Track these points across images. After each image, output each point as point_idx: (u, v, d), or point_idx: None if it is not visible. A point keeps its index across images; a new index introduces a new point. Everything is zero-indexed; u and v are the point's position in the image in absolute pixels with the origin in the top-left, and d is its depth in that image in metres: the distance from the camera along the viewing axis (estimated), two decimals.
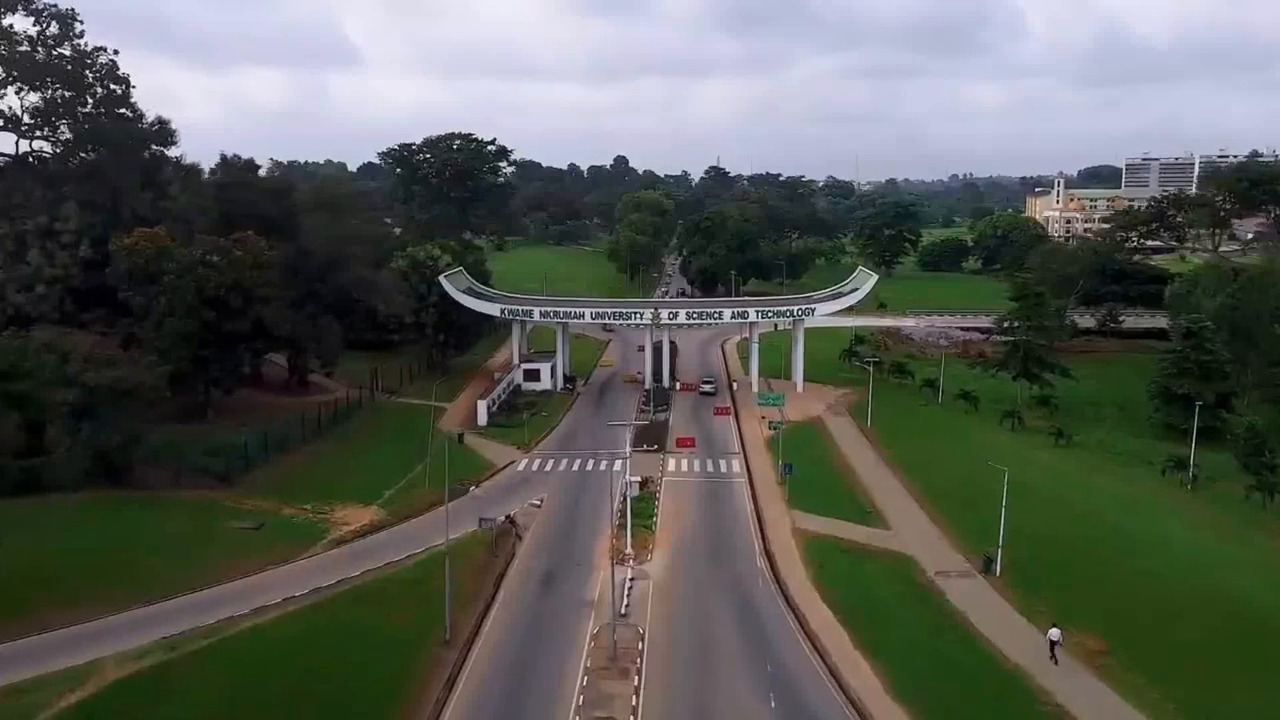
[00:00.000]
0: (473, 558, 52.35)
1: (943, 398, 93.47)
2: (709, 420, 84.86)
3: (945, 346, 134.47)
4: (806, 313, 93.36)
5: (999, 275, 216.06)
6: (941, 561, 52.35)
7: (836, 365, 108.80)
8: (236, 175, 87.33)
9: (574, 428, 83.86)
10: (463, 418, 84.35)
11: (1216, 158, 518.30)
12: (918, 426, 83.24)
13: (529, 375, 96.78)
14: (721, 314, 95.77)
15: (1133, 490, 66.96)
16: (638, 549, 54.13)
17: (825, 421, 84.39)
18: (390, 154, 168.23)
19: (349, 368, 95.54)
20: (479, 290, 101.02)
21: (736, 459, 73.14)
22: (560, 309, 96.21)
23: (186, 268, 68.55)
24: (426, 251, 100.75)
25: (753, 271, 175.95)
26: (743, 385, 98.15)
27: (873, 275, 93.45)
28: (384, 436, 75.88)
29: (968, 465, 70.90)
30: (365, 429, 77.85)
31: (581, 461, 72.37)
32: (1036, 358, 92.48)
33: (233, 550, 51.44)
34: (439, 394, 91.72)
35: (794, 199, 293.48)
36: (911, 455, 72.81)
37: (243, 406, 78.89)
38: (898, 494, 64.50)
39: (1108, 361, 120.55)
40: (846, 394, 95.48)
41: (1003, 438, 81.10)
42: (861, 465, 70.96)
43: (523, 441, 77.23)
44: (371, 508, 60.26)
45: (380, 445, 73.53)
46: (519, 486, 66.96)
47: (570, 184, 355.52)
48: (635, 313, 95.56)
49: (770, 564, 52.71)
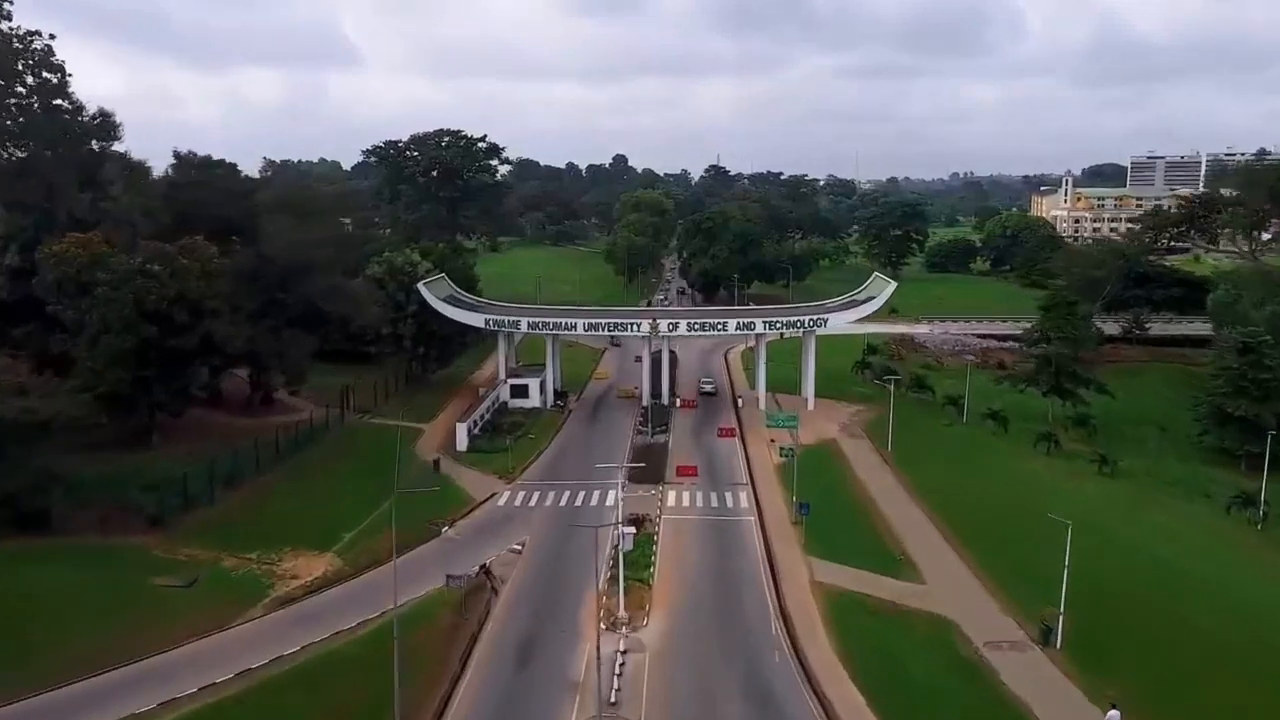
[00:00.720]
0: (437, 623, 44.70)
1: (968, 416, 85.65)
2: (712, 442, 77.08)
3: (960, 353, 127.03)
4: (819, 324, 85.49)
5: (1009, 277, 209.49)
6: (989, 627, 44.52)
7: (849, 378, 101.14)
8: (193, 174, 79.29)
9: (564, 452, 76.00)
10: (441, 441, 76.49)
11: (1224, 156, 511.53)
12: (942, 450, 75.47)
13: (516, 391, 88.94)
14: (725, 324, 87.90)
15: (1197, 531, 59.26)
16: (632, 609, 46.29)
17: (840, 444, 76.55)
18: (375, 151, 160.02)
19: (321, 383, 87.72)
20: (462, 299, 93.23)
21: (744, 491, 65.28)
22: (550, 319, 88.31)
23: (123, 278, 60.66)
24: (405, 257, 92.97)
25: (755, 274, 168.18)
26: (748, 401, 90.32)
27: (890, 283, 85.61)
28: (350, 465, 67.98)
29: (1003, 497, 63.47)
30: (330, 456, 69.90)
31: (570, 494, 64.55)
32: (1069, 372, 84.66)
33: (153, 616, 43.70)
34: (418, 412, 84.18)
35: (796, 198, 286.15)
36: (939, 485, 65.00)
37: (195, 430, 71.11)
38: (928, 534, 56.66)
39: (1136, 372, 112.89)
40: (861, 411, 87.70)
41: (1038, 464, 73.29)
42: (884, 498, 63.13)
43: (506, 470, 69.35)
44: (326, 555, 52.50)
45: (345, 476, 65.63)
46: (499, 526, 59.11)
47: (569, 183, 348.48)
48: (632, 323, 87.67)
49: (787, 628, 44.90)
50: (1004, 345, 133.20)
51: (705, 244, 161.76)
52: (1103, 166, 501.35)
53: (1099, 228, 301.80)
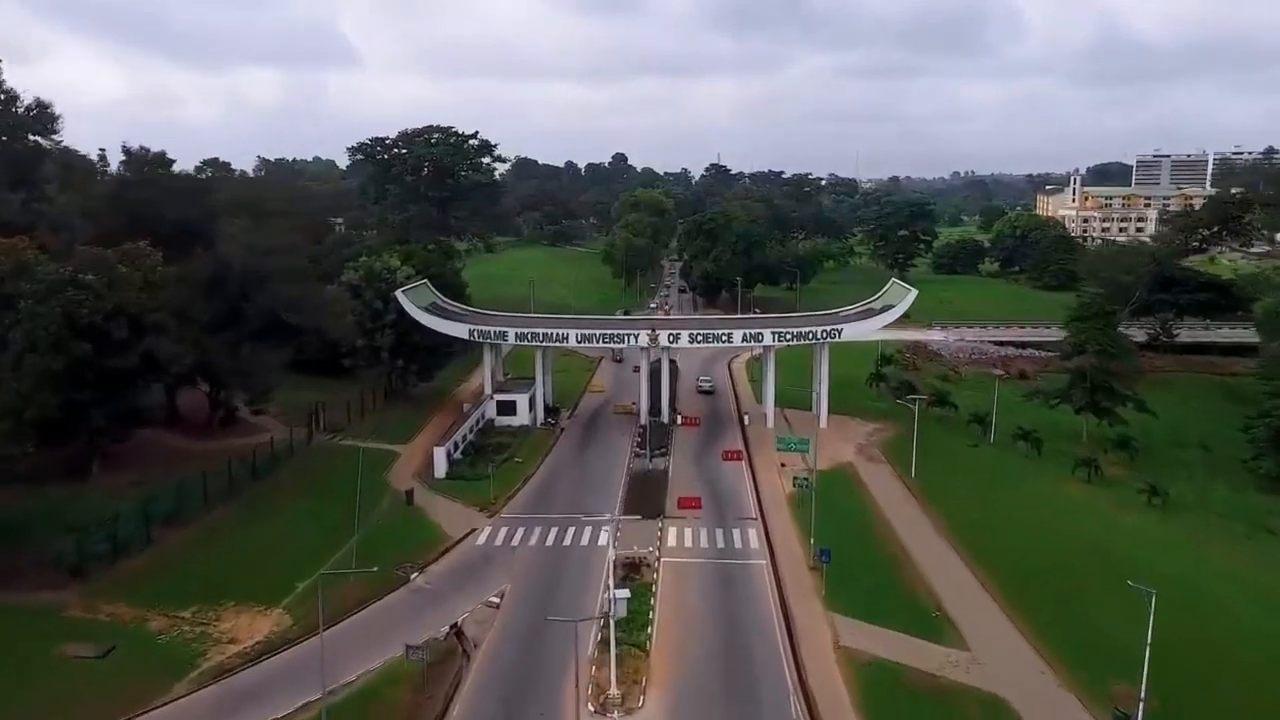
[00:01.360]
0: (393, 705, 37.60)
1: (995, 435, 78.53)
2: (716, 467, 70.01)
3: (977, 361, 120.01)
4: (832, 335, 78.31)
5: (1019, 279, 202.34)
6: (1051, 711, 37.43)
7: (862, 390, 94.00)
8: (145, 172, 72.05)
9: (553, 478, 68.83)
10: (418, 465, 69.38)
11: (1231, 154, 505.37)
12: (971, 477, 68.40)
13: (503, 408, 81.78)
14: (731, 335, 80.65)
15: (1273, 577, 51.87)
16: (626, 683, 39.19)
17: (858, 470, 69.40)
18: (361, 149, 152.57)
19: (293, 398, 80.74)
20: (446, 307, 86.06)
21: (754, 528, 58.08)
22: (540, 330, 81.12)
23: (51, 289, 53.40)
24: (383, 261, 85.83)
25: (759, 276, 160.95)
26: (755, 418, 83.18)
27: (910, 290, 78.38)
28: (313, 497, 60.89)
29: (1048, 536, 56.32)
30: (291, 486, 62.65)
31: (559, 531, 57.43)
32: (1106, 388, 77.46)
33: (53, 696, 36.61)
34: (395, 432, 77.05)
35: (800, 197, 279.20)
36: (973, 520, 57.94)
37: (144, 456, 63.93)
38: (966, 584, 49.48)
39: (1166, 383, 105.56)
40: (878, 429, 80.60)
41: (1080, 494, 66.13)
42: (912, 537, 55.91)
43: (487, 501, 62.22)
44: (273, 613, 45.43)
45: (306, 510, 58.55)
46: (476, 570, 51.98)
47: (568, 182, 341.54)
48: (630, 334, 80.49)
49: (809, 710, 37.80)
50: (1023, 353, 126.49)
51: (707, 245, 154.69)
52: (1107, 165, 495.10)
53: (1108, 228, 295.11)
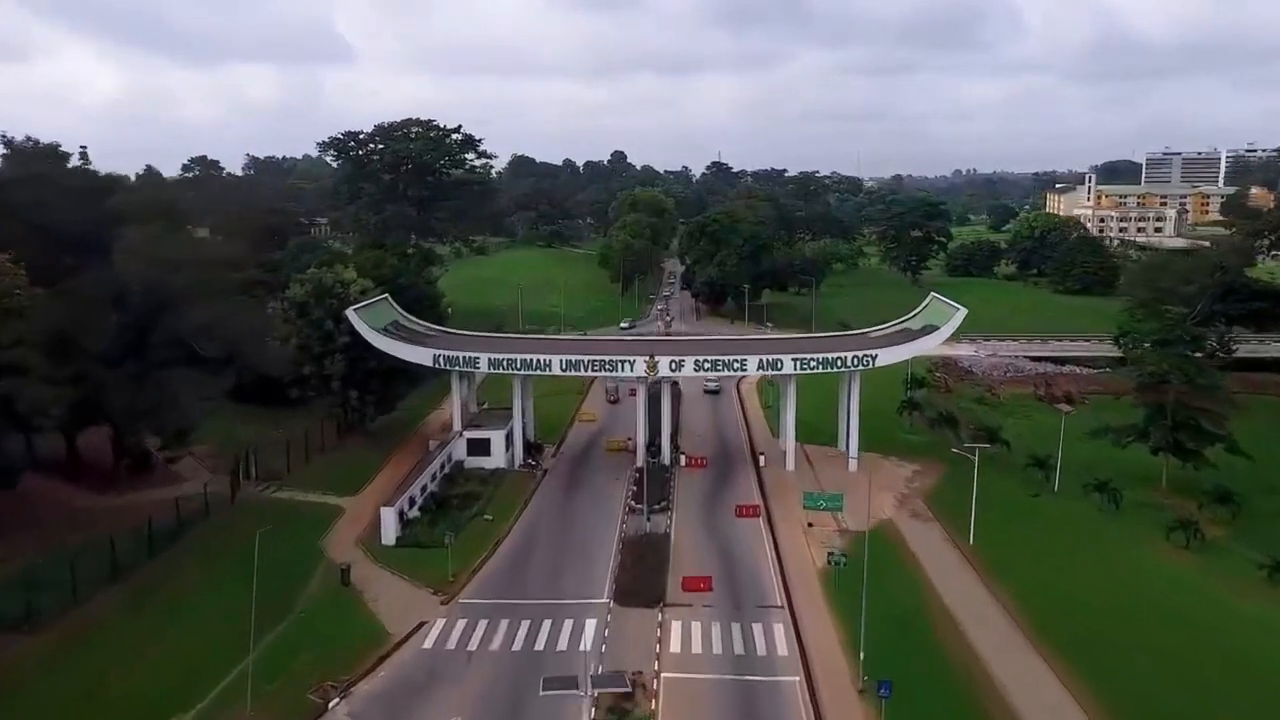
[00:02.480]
0: None
1: (1060, 480, 66.03)
2: (729, 526, 57.62)
3: (1014, 381, 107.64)
4: (865, 362, 65.90)
5: (1039, 282, 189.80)
6: None
7: (892, 420, 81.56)
8: (32, 168, 59.37)
9: (530, 542, 56.31)
10: (365, 527, 56.94)
11: (1244, 151, 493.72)
12: (1042, 543, 55.87)
13: (475, 447, 69.29)
14: (745, 362, 68.00)
15: None
16: None
17: (902, 532, 56.93)
18: (333, 144, 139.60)
19: (231, 434, 68.89)
20: (411, 326, 73.60)
21: (780, 620, 45.56)
22: (518, 356, 68.42)
23: None
24: (335, 274, 73.27)
25: (767, 281, 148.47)
26: (773, 458, 70.75)
27: (958, 309, 65.78)
28: (222, 578, 47.94)
29: (1156, 631, 43.88)
30: (196, 563, 49.92)
31: (531, 626, 44.96)
32: (1192, 425, 64.94)
33: None
34: (343, 479, 64.78)
35: (806, 196, 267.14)
36: (1058, 610, 45.57)
37: (25, 517, 51.61)
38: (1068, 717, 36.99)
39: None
40: (919, 473, 68.39)
41: (1181, 566, 53.53)
42: (988, 641, 42.96)
43: (445, 579, 49.74)
44: None
45: (208, 599, 45.93)
46: (419, 692, 39.41)
47: (566, 180, 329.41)
48: (624, 360, 67.83)
49: None
50: (1063, 370, 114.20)
51: (711, 249, 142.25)
52: (1116, 164, 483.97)
53: (1125, 227, 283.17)
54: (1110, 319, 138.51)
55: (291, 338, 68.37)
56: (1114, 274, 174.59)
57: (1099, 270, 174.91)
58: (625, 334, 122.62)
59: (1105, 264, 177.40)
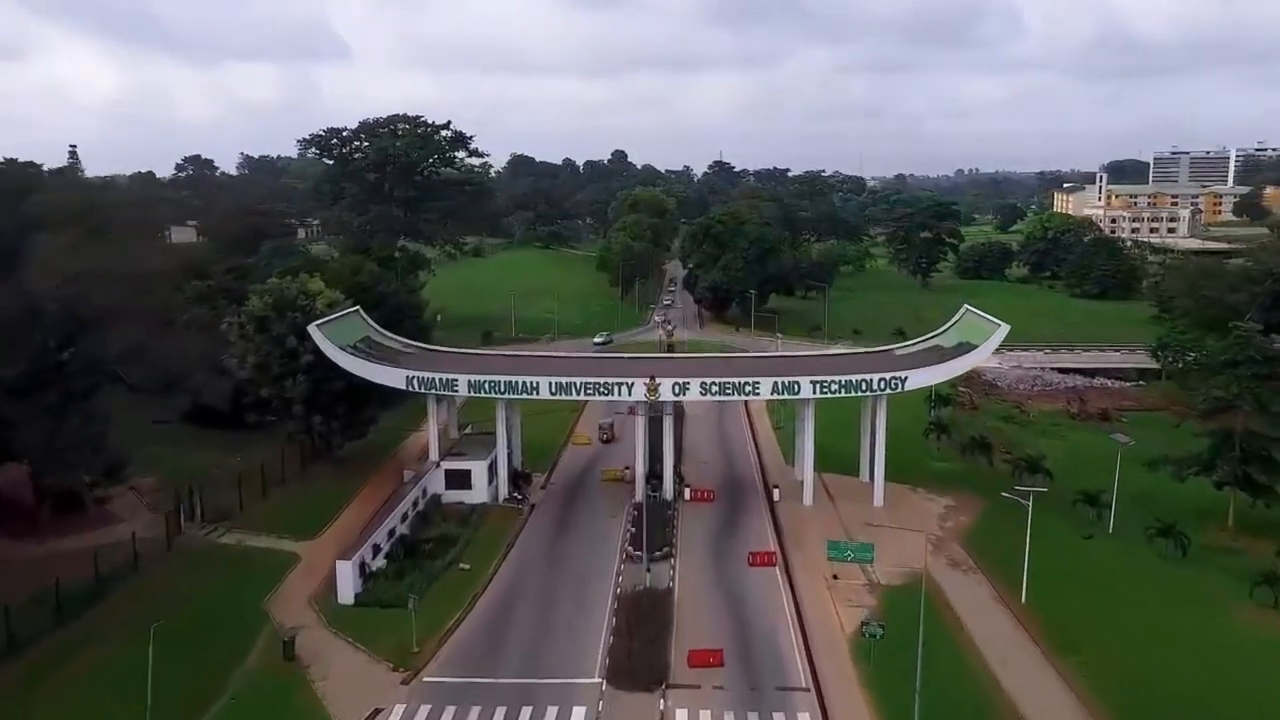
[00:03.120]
0: None
1: (1114, 520, 58.39)
2: (741, 577, 50.19)
3: (1043, 396, 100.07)
4: (894, 385, 58.27)
5: (1054, 285, 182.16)
6: None
7: (916, 444, 74.01)
8: None
9: (511, 598, 48.60)
10: (321, 580, 49.26)
11: (1255, 150, 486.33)
12: (1105, 601, 48.12)
13: (453, 479, 61.71)
14: (758, 385, 60.24)
15: None
16: None
17: (940, 586, 49.19)
18: (314, 141, 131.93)
19: (183, 464, 61.66)
20: (382, 343, 65.95)
21: (804, 707, 37.99)
22: (501, 377, 60.73)
23: None
24: (299, 285, 65.70)
25: (774, 286, 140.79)
26: (788, 490, 63.18)
27: (998, 325, 58.12)
28: (134, 655, 39.89)
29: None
30: (116, 629, 42.31)
31: (508, 713, 37.40)
32: (1263, 458, 57.35)
33: None
34: (302, 519, 57.16)
35: (811, 196, 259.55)
36: (1141, 704, 37.96)
37: None
38: None
39: None
40: (952, 508, 60.94)
41: (1267, 629, 45.85)
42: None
43: (408, 650, 42.14)
44: None
45: (124, 680, 38.26)
46: None
47: (566, 180, 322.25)
48: (622, 383, 60.15)
49: None
50: (1093, 383, 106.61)
51: (715, 252, 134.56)
52: (1122, 163, 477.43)
53: (1138, 228, 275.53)
54: (1133, 325, 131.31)
55: (249, 356, 60.90)
56: (1132, 277, 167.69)
57: (1117, 273, 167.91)
58: (601, 350, 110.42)
59: (1123, 266, 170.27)
